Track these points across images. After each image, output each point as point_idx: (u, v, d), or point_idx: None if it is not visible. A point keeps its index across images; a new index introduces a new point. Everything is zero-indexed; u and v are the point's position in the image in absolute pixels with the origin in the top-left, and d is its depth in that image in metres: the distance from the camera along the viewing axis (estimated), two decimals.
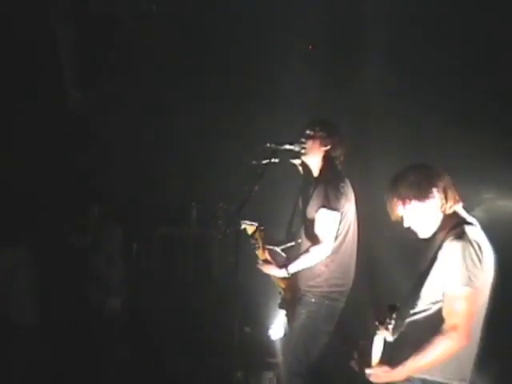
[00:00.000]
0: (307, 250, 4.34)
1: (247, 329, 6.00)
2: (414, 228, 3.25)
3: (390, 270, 5.51)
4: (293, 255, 4.56)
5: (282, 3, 7.12)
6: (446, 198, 3.14)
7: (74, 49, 7.28)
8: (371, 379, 3.11)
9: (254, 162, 4.44)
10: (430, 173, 3.20)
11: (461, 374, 3.07)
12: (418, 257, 3.30)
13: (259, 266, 4.53)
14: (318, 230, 4.31)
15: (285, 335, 4.68)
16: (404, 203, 3.18)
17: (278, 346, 5.86)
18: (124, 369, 5.52)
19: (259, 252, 4.51)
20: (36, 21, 6.97)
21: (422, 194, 3.14)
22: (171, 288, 6.87)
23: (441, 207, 3.15)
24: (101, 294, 5.68)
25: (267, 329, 6.08)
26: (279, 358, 5.54)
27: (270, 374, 5.70)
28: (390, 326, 2.98)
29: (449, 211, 3.16)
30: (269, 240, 4.63)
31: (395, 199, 3.21)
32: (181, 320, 6.38)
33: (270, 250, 4.57)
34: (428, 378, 3.04)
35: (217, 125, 7.23)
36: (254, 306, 6.00)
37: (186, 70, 7.31)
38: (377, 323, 3.02)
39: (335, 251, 4.38)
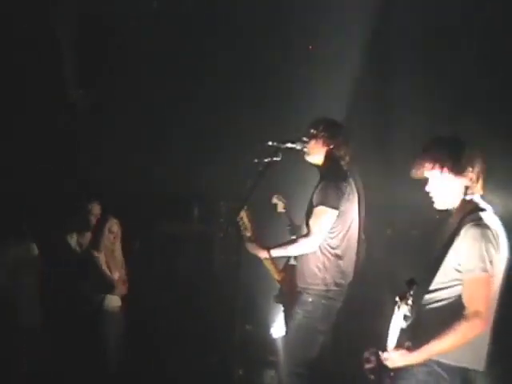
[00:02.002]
0: (295, 240, 4.40)
1: (248, 327, 6.02)
2: (432, 195, 3.23)
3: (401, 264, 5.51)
4: None
5: (283, 3, 7.16)
6: (476, 183, 3.13)
7: (74, 48, 7.29)
8: (387, 364, 3.09)
9: (256, 161, 4.44)
10: (472, 152, 3.16)
11: (474, 359, 3.07)
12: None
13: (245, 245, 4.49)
14: (312, 223, 4.32)
15: (286, 333, 4.67)
16: (435, 168, 3.14)
17: (280, 344, 5.88)
18: (125, 367, 5.51)
19: (246, 232, 4.48)
20: (36, 21, 6.98)
21: (459, 168, 3.11)
22: (172, 286, 6.86)
23: (467, 189, 3.14)
24: (100, 292, 5.66)
25: (268, 327, 6.10)
26: (279, 358, 5.58)
27: (271, 372, 5.72)
28: (409, 301, 2.98)
29: (471, 196, 3.15)
30: None
31: (428, 160, 3.17)
32: (182, 318, 6.37)
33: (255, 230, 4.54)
34: (443, 361, 3.04)
35: (218, 123, 7.24)
36: (256, 304, 6.02)
37: (187, 70, 7.32)
38: (397, 298, 3.01)
39: (334, 251, 4.38)
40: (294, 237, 4.57)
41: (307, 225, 4.42)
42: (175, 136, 7.26)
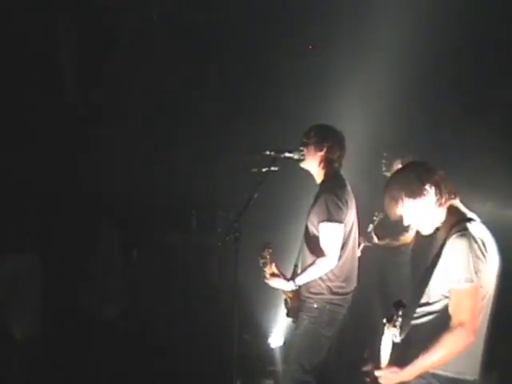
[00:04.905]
0: (314, 263, 4.33)
1: (247, 337, 6.01)
2: (414, 226, 3.26)
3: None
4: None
5: (282, 5, 7.17)
6: (440, 193, 3.13)
7: (76, 54, 7.30)
8: (381, 381, 3.10)
9: (254, 170, 4.43)
10: (420, 170, 3.19)
11: (472, 369, 3.08)
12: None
13: (266, 281, 4.52)
14: (323, 243, 4.30)
15: (285, 343, 4.66)
16: (397, 203, 3.18)
17: (278, 354, 5.87)
18: (122, 377, 5.50)
19: (267, 268, 4.51)
20: (39, 27, 6.99)
21: (414, 192, 3.13)
22: (170, 295, 6.86)
23: (436, 202, 3.14)
24: (98, 302, 5.67)
25: (267, 337, 6.09)
26: (280, 366, 5.57)
27: (269, 382, 5.70)
28: (398, 323, 2.98)
29: (445, 205, 3.15)
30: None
31: (389, 200, 3.21)
32: (180, 327, 6.37)
33: (277, 264, 4.56)
34: (440, 372, 3.05)
35: (217, 131, 7.24)
36: (254, 314, 6.01)
37: (186, 78, 7.33)
38: (384, 321, 3.02)
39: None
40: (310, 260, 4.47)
41: (307, 239, 4.43)
42: (174, 145, 7.27)
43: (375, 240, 5.86)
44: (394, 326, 2.99)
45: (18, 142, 6.66)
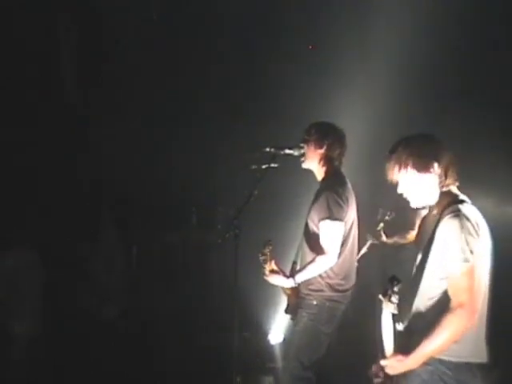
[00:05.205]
0: (313, 260, 4.36)
1: (246, 334, 6.01)
2: (406, 196, 3.21)
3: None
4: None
5: (282, 5, 7.18)
6: (445, 176, 3.10)
7: (76, 54, 7.30)
8: (387, 371, 3.08)
9: (254, 167, 4.44)
10: (435, 146, 3.14)
11: (476, 353, 3.04)
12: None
13: (266, 277, 4.52)
14: (323, 241, 4.32)
15: (284, 340, 4.67)
16: (400, 168, 3.13)
17: (278, 351, 5.88)
18: (122, 377, 5.49)
19: (267, 265, 4.51)
20: (39, 27, 6.98)
21: (421, 165, 3.09)
22: (170, 293, 6.85)
23: (439, 183, 3.11)
24: (98, 302, 5.66)
25: (266, 334, 6.09)
26: (279, 363, 5.57)
27: (269, 379, 5.71)
28: (394, 299, 2.96)
29: (444, 188, 3.12)
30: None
31: (394, 162, 3.16)
32: (180, 325, 6.36)
33: (276, 261, 4.56)
34: (445, 358, 3.01)
35: (216, 130, 7.24)
36: (254, 311, 6.01)
37: (187, 78, 7.33)
38: (380, 296, 3.02)
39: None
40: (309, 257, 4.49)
41: (308, 237, 4.42)
42: (174, 145, 7.26)
43: (384, 238, 5.84)
44: (390, 301, 2.98)
45: (18, 142, 6.64)
